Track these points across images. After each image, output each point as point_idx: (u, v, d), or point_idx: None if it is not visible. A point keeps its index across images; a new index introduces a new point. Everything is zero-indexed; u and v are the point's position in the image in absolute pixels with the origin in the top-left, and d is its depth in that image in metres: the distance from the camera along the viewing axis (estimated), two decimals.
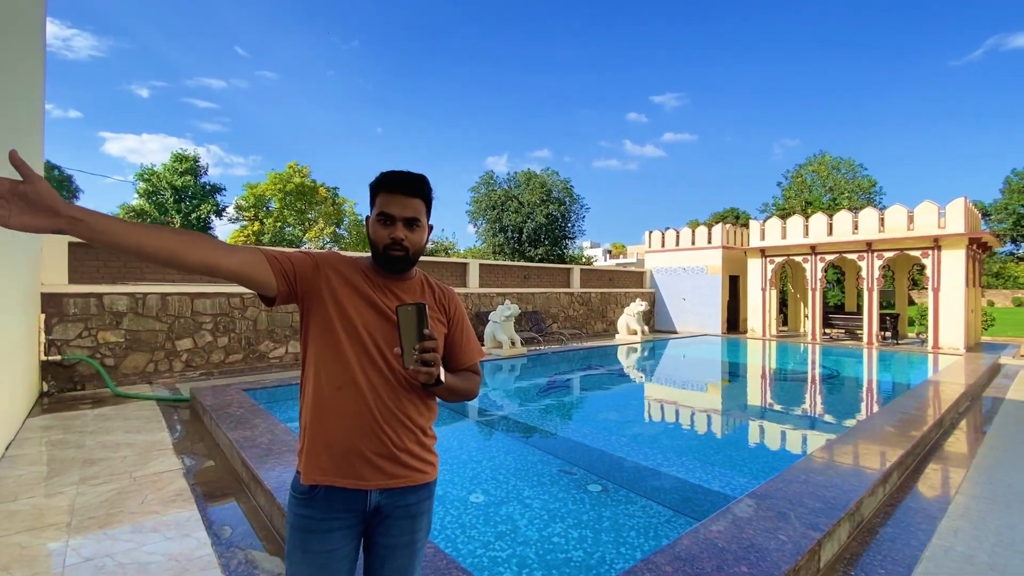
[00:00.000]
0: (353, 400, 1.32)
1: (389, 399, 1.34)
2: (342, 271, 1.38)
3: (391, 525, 1.38)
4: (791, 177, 38.03)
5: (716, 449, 5.23)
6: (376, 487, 1.33)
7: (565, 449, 4.71)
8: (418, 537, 1.43)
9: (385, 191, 1.37)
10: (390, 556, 1.39)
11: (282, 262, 1.30)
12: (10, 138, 4.69)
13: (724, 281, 16.35)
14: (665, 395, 8.09)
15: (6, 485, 3.69)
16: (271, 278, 1.27)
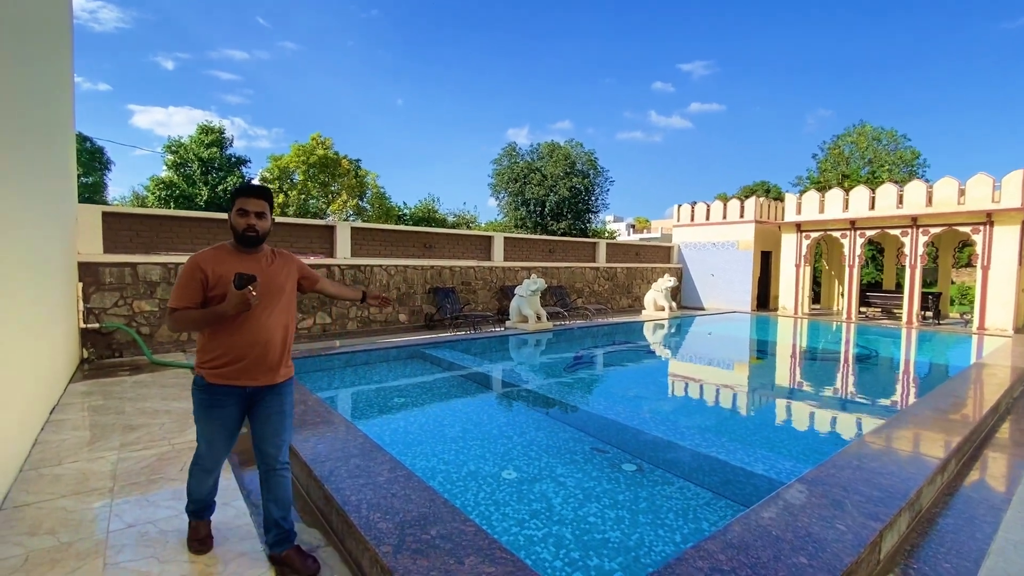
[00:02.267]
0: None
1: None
2: (211, 265, 2.21)
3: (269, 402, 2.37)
4: (827, 149, 36.33)
5: (754, 429, 5.07)
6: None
7: (597, 426, 4.61)
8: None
9: (242, 196, 2.24)
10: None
11: (196, 293, 2.20)
12: (42, 107, 4.66)
13: (756, 257, 15.84)
14: (698, 373, 7.91)
15: (50, 449, 3.78)
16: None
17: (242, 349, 2.22)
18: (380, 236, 10.53)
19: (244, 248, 2.29)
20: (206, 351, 2.25)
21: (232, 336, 2.21)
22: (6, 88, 4.10)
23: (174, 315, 2.19)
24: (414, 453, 4.07)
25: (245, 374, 2.24)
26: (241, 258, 2.28)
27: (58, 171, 6.02)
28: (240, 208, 2.23)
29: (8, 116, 4.05)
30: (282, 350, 2.35)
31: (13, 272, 3.52)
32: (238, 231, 2.25)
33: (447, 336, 8.96)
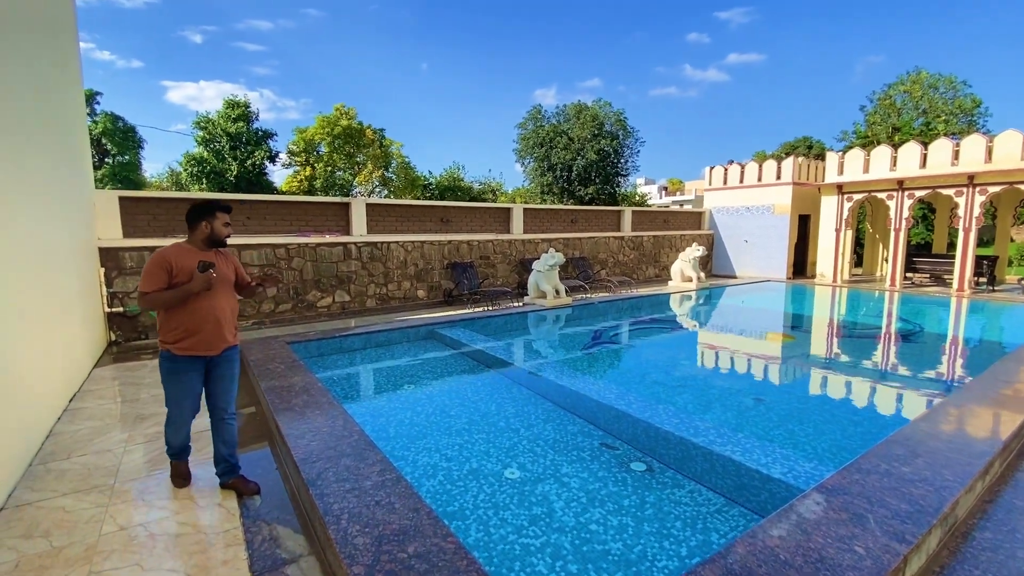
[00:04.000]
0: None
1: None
2: (175, 259, 2.87)
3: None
4: (877, 100, 33.64)
5: (777, 423, 4.77)
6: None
7: (608, 419, 4.41)
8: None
9: (226, 212, 3.04)
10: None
11: (164, 280, 2.83)
12: (51, 100, 4.59)
13: (793, 221, 14.96)
14: (722, 356, 7.56)
15: (62, 441, 3.87)
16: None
17: (200, 326, 2.90)
18: (396, 212, 10.37)
19: (207, 248, 3.01)
20: (172, 331, 2.88)
21: (193, 316, 2.88)
22: (14, 84, 4.07)
23: (147, 296, 2.80)
24: (417, 448, 3.99)
25: (203, 345, 2.93)
26: (200, 254, 2.95)
27: (70, 158, 6.05)
28: (226, 222, 3.04)
29: (17, 110, 4.02)
30: (230, 324, 3.09)
31: (15, 265, 3.54)
32: (220, 237, 3.02)
33: (463, 313, 8.84)
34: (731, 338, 8.61)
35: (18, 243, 3.86)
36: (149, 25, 69.62)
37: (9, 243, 3.65)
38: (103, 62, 60.00)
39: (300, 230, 9.16)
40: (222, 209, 3.01)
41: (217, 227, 2.97)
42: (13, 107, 4.07)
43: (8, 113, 3.94)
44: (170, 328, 2.87)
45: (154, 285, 2.79)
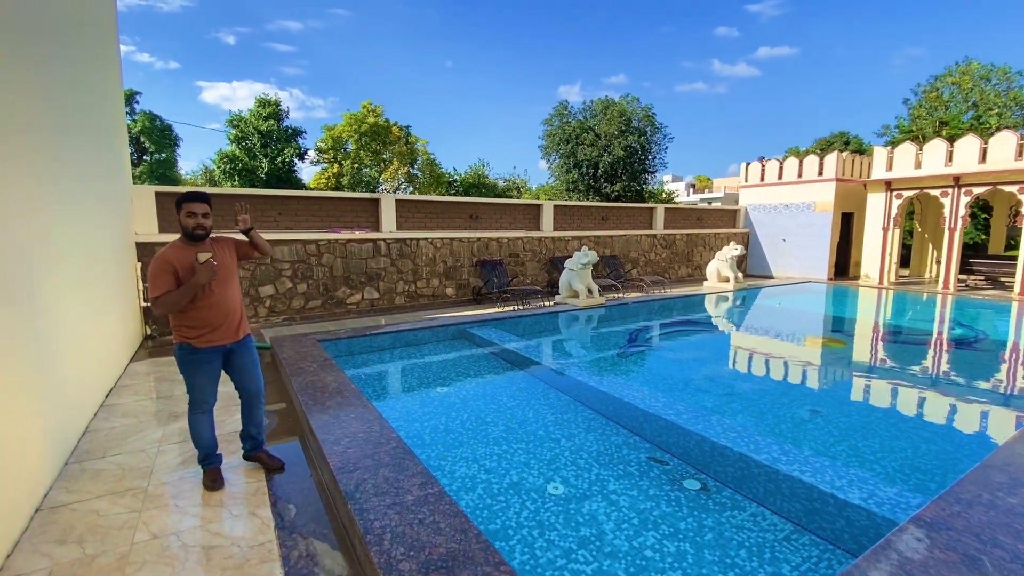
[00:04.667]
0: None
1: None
2: (175, 259, 2.82)
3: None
4: (922, 92, 32.04)
5: (837, 437, 4.41)
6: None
7: (655, 430, 4.13)
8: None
9: (187, 201, 2.89)
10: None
11: (171, 281, 2.81)
12: (93, 99, 4.56)
13: (835, 219, 14.28)
14: (768, 362, 7.17)
15: (97, 439, 3.80)
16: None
17: (217, 318, 2.97)
18: (426, 208, 10.23)
19: (193, 242, 2.94)
20: (190, 326, 2.92)
21: (211, 310, 2.94)
22: (59, 83, 4.04)
23: (159, 300, 2.76)
24: (454, 457, 3.79)
25: (221, 336, 3.00)
26: (194, 248, 2.90)
27: (110, 154, 6.07)
28: (189, 211, 2.88)
29: (61, 108, 3.99)
30: (241, 313, 3.15)
31: (57, 260, 3.49)
32: (188, 229, 2.90)
33: (494, 313, 8.64)
34: (776, 343, 8.19)
35: (60, 238, 3.82)
36: (185, 27, 71.62)
37: (51, 238, 3.60)
38: (143, 64, 62.04)
39: (330, 226, 9.09)
40: (189, 199, 2.89)
41: (182, 219, 2.89)
42: (57, 105, 4.05)
43: (53, 111, 3.91)
44: (188, 325, 2.91)
45: (164, 287, 2.77)
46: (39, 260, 3.40)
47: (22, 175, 3.23)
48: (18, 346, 2.92)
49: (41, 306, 3.34)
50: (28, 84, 3.48)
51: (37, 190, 3.48)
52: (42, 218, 3.54)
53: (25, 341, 3.04)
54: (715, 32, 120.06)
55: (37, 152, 3.58)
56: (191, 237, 2.92)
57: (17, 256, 3.04)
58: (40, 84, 3.71)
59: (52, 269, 3.62)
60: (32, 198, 3.37)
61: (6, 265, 2.86)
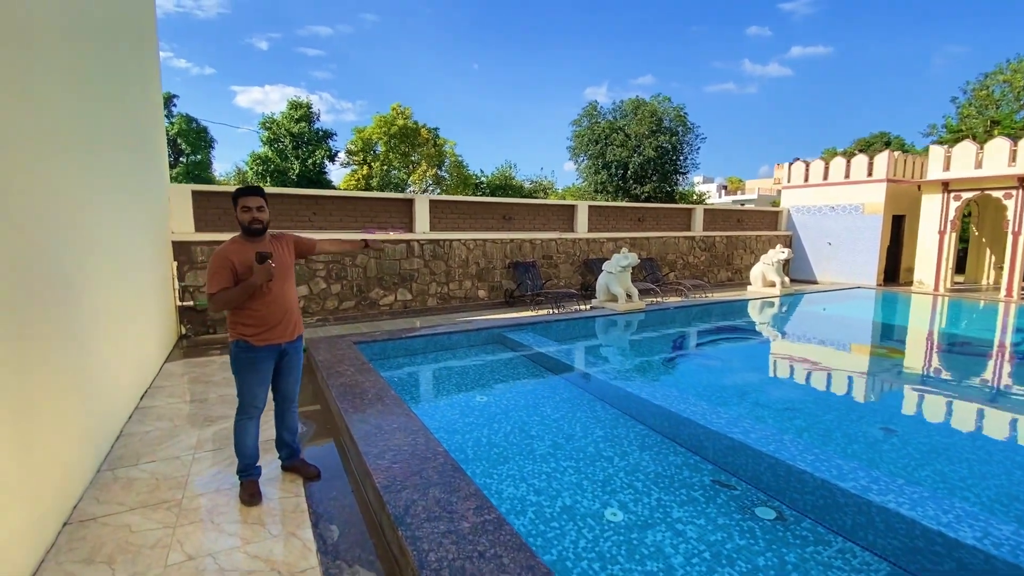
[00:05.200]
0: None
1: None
2: (234, 255, 2.76)
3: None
4: (972, 90, 30.44)
5: (919, 460, 3.97)
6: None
7: (717, 450, 3.76)
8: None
9: (241, 196, 2.82)
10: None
11: (229, 278, 2.75)
12: (134, 105, 4.49)
13: (886, 222, 13.51)
14: (825, 374, 6.68)
15: (132, 444, 3.65)
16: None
17: (275, 316, 2.89)
18: (459, 208, 10.02)
19: (252, 238, 2.86)
20: (248, 324, 2.84)
21: (269, 308, 2.86)
22: (102, 84, 3.97)
23: (215, 297, 2.72)
24: (500, 476, 3.51)
25: (278, 334, 2.92)
26: (253, 245, 2.84)
27: (148, 152, 6.03)
28: (244, 206, 2.81)
29: (103, 109, 3.90)
30: (297, 312, 3.08)
31: (97, 258, 3.37)
32: (244, 225, 2.82)
33: (529, 317, 8.35)
34: (831, 353, 7.67)
35: (99, 236, 3.71)
36: (221, 34, 73.86)
37: (91, 236, 3.48)
38: (180, 69, 64.10)
39: (364, 227, 8.96)
40: (243, 193, 2.83)
41: (238, 214, 2.82)
42: (99, 105, 3.96)
43: (95, 111, 3.80)
44: (246, 323, 2.83)
45: (219, 284, 2.72)
46: (78, 258, 3.27)
47: (65, 173, 3.11)
48: (56, 346, 2.78)
49: (79, 305, 3.21)
50: (73, 83, 3.37)
51: (78, 187, 3.37)
52: (82, 216, 3.42)
53: (63, 341, 2.90)
54: (746, 32, 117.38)
55: (79, 150, 3.47)
56: (248, 232, 2.84)
57: (57, 254, 2.91)
58: (83, 84, 3.60)
59: (90, 267, 3.49)
60: (73, 195, 3.25)
61: (47, 263, 2.73)
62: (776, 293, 11.02)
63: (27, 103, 2.67)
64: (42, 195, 2.77)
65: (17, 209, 2.43)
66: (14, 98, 2.48)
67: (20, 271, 2.40)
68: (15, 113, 2.50)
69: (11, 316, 2.27)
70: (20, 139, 2.54)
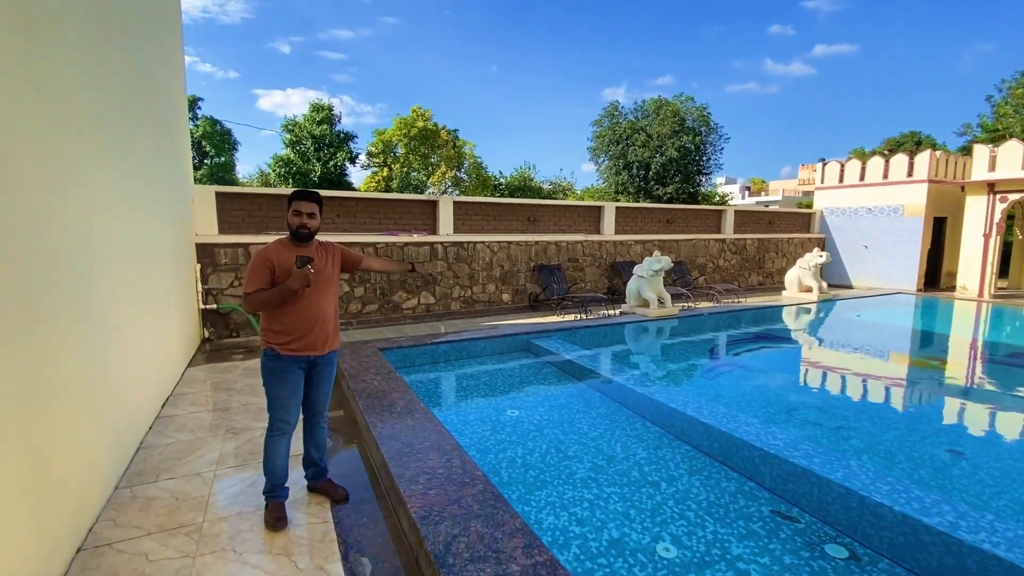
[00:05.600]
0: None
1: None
2: (276, 256, 2.65)
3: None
4: (1008, 88, 29.20)
5: (994, 488, 3.58)
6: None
7: (776, 476, 3.43)
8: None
9: (296, 199, 2.72)
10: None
11: (266, 279, 2.63)
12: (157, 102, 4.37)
13: (927, 224, 12.89)
14: (878, 387, 6.26)
15: (152, 458, 3.48)
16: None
17: (306, 326, 2.72)
18: (483, 210, 9.80)
19: (298, 242, 2.76)
20: (276, 331, 2.70)
21: (300, 316, 2.70)
22: (128, 84, 3.85)
23: (250, 297, 2.62)
24: (538, 502, 3.24)
25: (309, 347, 2.74)
26: (297, 249, 2.73)
27: (174, 153, 5.93)
28: (295, 209, 2.71)
29: (129, 109, 3.78)
30: (333, 325, 2.89)
31: (121, 261, 3.21)
32: (292, 228, 2.72)
33: (556, 322, 8.08)
34: (878, 364, 7.23)
35: (124, 237, 3.55)
36: (244, 38, 75.24)
37: (116, 237, 3.32)
38: (205, 73, 65.39)
39: (388, 229, 8.79)
40: (299, 197, 2.72)
41: (289, 217, 2.72)
42: (127, 103, 3.82)
43: (122, 110, 3.66)
44: (275, 329, 2.71)
45: (256, 284, 2.62)
46: (103, 260, 3.11)
47: (89, 173, 2.95)
48: (75, 352, 2.60)
49: (101, 308, 3.05)
50: (100, 80, 3.22)
51: (103, 188, 3.21)
52: (107, 217, 3.27)
53: (83, 347, 2.73)
54: (768, 30, 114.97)
55: (107, 151, 3.33)
56: (296, 236, 2.74)
57: (80, 255, 2.75)
58: (110, 80, 3.45)
59: (114, 269, 3.33)
60: (98, 196, 3.09)
61: (68, 264, 2.56)
62: (813, 299, 10.55)
63: (51, 102, 2.50)
64: (65, 196, 2.60)
65: (42, 209, 2.26)
66: (33, 93, 2.30)
67: (40, 271, 2.22)
68: (38, 113, 2.33)
69: (26, 316, 2.09)
70: (45, 140, 2.37)
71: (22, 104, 2.19)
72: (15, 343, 2.00)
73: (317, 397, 2.91)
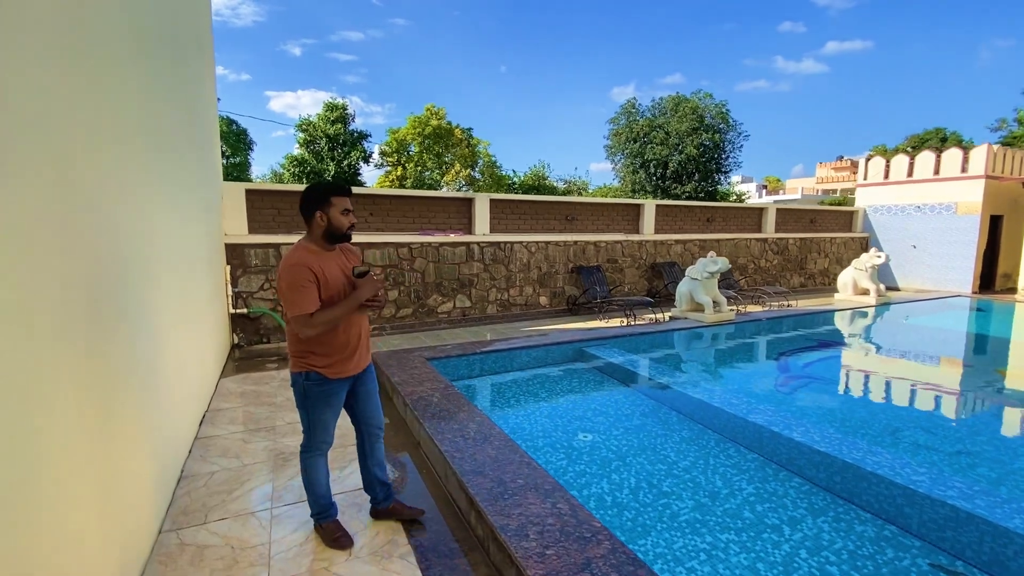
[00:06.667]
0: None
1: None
2: (316, 265, 2.25)
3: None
4: None
5: None
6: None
7: (927, 520, 2.85)
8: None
9: (342, 195, 2.37)
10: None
11: (317, 294, 2.24)
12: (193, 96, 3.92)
13: (984, 223, 12.18)
14: (1001, 407, 5.65)
15: (196, 492, 3.01)
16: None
17: (351, 342, 2.42)
18: (519, 208, 9.29)
19: (331, 245, 2.39)
20: (320, 354, 2.35)
21: (346, 333, 2.39)
22: (169, 80, 3.42)
23: (313, 318, 2.21)
24: (646, 554, 2.72)
25: (354, 364, 2.46)
26: (329, 253, 2.37)
27: (206, 148, 5.49)
28: (344, 208, 2.35)
29: (168, 101, 3.34)
30: (368, 334, 2.59)
31: (160, 267, 2.75)
32: (343, 230, 2.36)
33: (606, 328, 7.56)
34: (966, 374, 6.62)
35: (164, 242, 3.10)
36: (256, 41, 75.43)
37: (156, 243, 2.86)
38: (218, 76, 65.73)
39: (422, 228, 8.32)
40: (338, 192, 2.36)
41: (335, 216, 2.33)
42: (163, 98, 3.35)
43: (160, 105, 3.21)
44: (317, 352, 2.35)
45: (314, 302, 2.23)
46: (144, 264, 2.65)
47: (131, 171, 2.49)
48: (127, 374, 2.14)
49: (146, 317, 2.59)
50: (154, 92, 2.76)
51: (144, 187, 2.75)
52: (149, 220, 2.82)
53: (135, 366, 2.28)
54: (779, 28, 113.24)
55: (145, 145, 2.86)
56: (340, 239, 2.40)
57: (129, 266, 2.30)
58: (164, 93, 2.99)
59: (155, 274, 2.87)
60: (139, 195, 2.64)
61: (121, 277, 2.10)
62: (871, 302, 9.91)
63: (117, 114, 2.04)
64: (112, 198, 2.14)
65: (90, 211, 1.79)
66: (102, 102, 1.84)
67: (94, 282, 1.75)
68: (105, 123, 1.87)
69: (84, 330, 1.62)
70: (88, 131, 1.90)
71: (96, 115, 1.98)
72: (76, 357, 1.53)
73: (371, 411, 2.63)
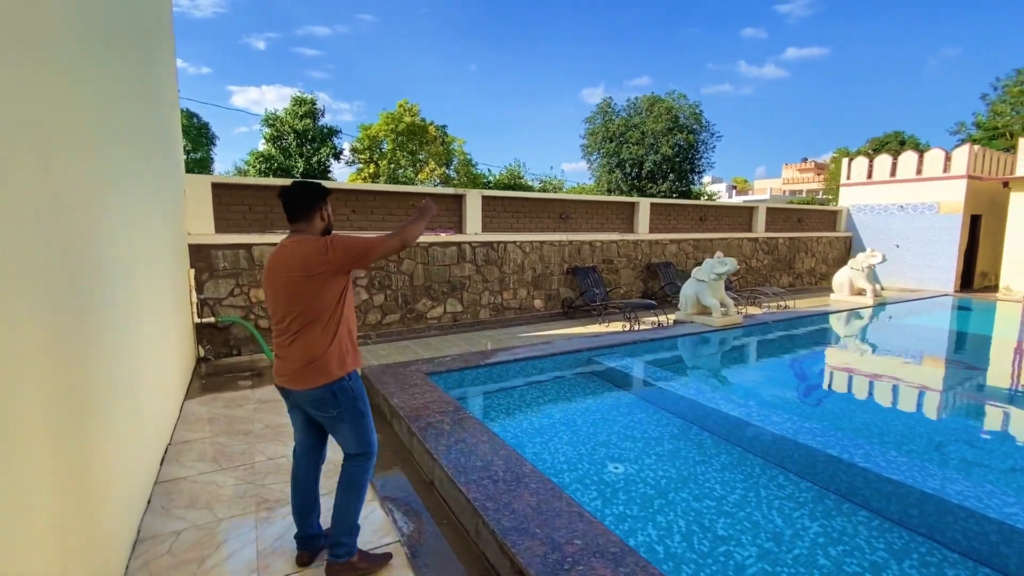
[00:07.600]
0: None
1: None
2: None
3: None
4: (1003, 87, 29.45)
5: None
6: None
7: (990, 543, 2.48)
8: None
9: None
10: None
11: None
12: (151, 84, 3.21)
13: (965, 222, 12.33)
14: (999, 407, 5.44)
15: (158, 561, 2.34)
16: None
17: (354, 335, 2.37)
18: (512, 206, 8.75)
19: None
20: (352, 350, 2.29)
21: (353, 327, 2.35)
22: (124, 59, 2.72)
23: (392, 236, 2.20)
24: None
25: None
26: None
27: (166, 138, 4.72)
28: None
29: (142, 118, 2.66)
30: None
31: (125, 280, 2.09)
32: (332, 229, 2.38)
33: (610, 333, 7.10)
34: (996, 378, 6.44)
35: (119, 241, 2.42)
36: (217, 33, 72.35)
37: (112, 241, 2.19)
38: (178, 69, 62.60)
39: None
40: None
41: (330, 214, 2.37)
42: (142, 112, 2.67)
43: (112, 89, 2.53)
44: (353, 347, 2.30)
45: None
46: (90, 276, 1.98)
47: (83, 168, 1.82)
48: (57, 406, 1.49)
49: (97, 336, 1.92)
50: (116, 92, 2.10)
51: (96, 189, 2.08)
52: (96, 219, 2.14)
53: (69, 395, 1.61)
54: (742, 33, 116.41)
55: (102, 142, 2.19)
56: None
57: (66, 271, 1.62)
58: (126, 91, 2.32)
59: (102, 286, 2.20)
60: (90, 193, 1.97)
61: (51, 285, 1.44)
62: (868, 302, 9.79)
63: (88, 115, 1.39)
64: (51, 195, 1.48)
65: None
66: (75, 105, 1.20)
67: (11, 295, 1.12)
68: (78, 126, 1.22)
69: None
70: (84, 150, 1.26)
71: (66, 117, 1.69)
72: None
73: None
